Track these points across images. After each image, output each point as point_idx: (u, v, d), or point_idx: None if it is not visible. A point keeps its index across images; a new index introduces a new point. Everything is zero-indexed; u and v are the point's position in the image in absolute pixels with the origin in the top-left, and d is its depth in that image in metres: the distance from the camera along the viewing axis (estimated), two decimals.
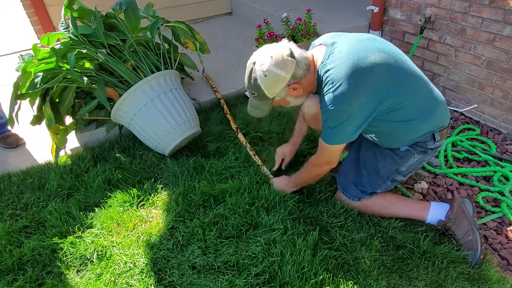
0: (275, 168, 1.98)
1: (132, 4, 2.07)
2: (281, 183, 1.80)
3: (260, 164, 2.01)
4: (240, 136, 2.22)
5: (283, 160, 1.96)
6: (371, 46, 1.37)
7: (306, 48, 1.55)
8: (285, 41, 1.43)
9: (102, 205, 1.85)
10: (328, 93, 1.35)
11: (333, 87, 1.33)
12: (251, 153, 2.08)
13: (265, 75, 1.36)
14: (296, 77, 1.40)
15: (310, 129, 2.18)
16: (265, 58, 1.36)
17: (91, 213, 1.81)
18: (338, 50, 1.37)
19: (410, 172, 1.63)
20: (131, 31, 2.11)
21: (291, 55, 1.37)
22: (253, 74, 1.40)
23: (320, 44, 1.49)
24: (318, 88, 1.46)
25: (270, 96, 1.44)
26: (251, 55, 1.44)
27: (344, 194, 1.70)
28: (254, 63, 1.40)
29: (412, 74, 1.43)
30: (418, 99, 1.43)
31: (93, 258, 1.58)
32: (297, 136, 1.95)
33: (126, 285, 1.46)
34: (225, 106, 2.51)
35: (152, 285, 1.45)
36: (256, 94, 1.45)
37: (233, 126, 2.32)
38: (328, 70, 1.36)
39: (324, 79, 1.37)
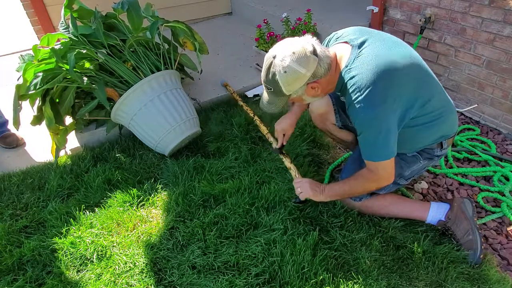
0: (278, 146, 1.84)
1: (134, 4, 2.07)
2: (309, 188, 1.58)
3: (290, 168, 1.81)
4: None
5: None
6: (397, 51, 1.33)
7: None
8: (308, 37, 1.35)
9: (102, 205, 1.85)
10: (357, 102, 1.28)
11: (361, 94, 1.27)
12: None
13: (285, 71, 1.28)
14: (317, 76, 1.32)
15: (311, 130, 2.18)
16: (287, 53, 1.27)
17: (91, 213, 1.81)
18: (365, 53, 1.31)
19: (413, 176, 1.63)
20: (134, 30, 2.11)
21: (314, 52, 1.28)
22: (272, 69, 1.32)
23: (345, 42, 1.40)
24: (338, 90, 1.42)
25: (287, 93, 1.36)
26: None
27: None
28: (274, 57, 1.30)
29: (433, 81, 1.41)
30: (438, 106, 1.41)
31: (93, 258, 1.58)
32: (297, 107, 1.78)
33: (126, 285, 1.46)
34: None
35: (152, 285, 1.45)
36: (272, 90, 1.37)
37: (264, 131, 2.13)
38: (354, 77, 1.29)
39: (349, 85, 1.31)
